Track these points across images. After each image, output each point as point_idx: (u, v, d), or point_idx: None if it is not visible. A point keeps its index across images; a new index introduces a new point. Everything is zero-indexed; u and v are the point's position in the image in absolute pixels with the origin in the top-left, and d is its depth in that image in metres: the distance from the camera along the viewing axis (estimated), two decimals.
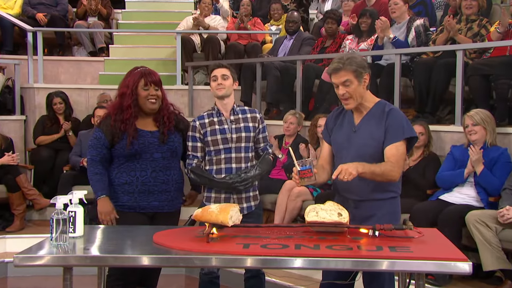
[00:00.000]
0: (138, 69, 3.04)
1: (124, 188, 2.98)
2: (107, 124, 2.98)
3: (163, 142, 2.99)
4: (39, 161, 5.86)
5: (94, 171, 2.99)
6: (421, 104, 4.85)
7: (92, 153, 3.00)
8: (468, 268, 2.03)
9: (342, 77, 2.61)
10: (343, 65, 2.61)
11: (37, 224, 5.51)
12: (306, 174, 2.54)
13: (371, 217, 2.60)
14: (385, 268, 2.09)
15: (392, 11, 5.34)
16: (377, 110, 2.68)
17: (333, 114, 2.85)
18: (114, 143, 2.97)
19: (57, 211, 2.27)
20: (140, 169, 2.97)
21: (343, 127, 2.74)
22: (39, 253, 2.21)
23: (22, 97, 6.50)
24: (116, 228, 2.79)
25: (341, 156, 2.71)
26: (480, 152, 3.84)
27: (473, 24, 4.90)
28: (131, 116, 2.95)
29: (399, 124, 2.63)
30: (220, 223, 2.32)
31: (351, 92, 2.62)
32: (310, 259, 2.11)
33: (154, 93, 2.99)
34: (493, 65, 4.42)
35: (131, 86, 2.97)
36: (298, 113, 5.25)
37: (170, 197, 3.04)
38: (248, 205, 3.14)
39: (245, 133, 3.14)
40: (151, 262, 2.18)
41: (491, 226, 3.58)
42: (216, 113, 3.18)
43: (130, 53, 7.55)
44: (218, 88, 3.13)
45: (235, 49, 6.80)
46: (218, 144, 3.10)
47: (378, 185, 2.62)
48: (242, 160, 3.12)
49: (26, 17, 7.29)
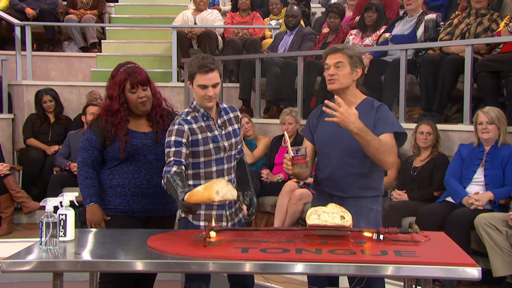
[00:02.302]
0: (122, 67, 2.98)
1: (116, 190, 2.96)
2: (98, 125, 2.96)
3: (157, 142, 2.98)
4: (28, 161, 5.86)
5: (84, 175, 2.95)
6: (428, 102, 4.85)
7: (83, 155, 2.97)
8: (477, 273, 2.03)
9: (336, 58, 2.71)
10: (342, 48, 2.73)
11: (25, 228, 5.51)
12: (300, 160, 2.60)
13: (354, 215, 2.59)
14: (390, 274, 2.09)
15: (408, 3, 5.34)
16: (364, 105, 2.75)
17: (317, 112, 2.89)
18: (106, 145, 2.95)
19: (47, 214, 2.27)
20: (133, 171, 2.95)
21: (327, 123, 2.73)
22: (28, 258, 2.21)
23: (10, 94, 6.50)
24: (109, 232, 2.79)
25: (326, 153, 2.76)
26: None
27: (483, 18, 4.90)
28: (122, 120, 2.93)
29: (389, 118, 2.72)
30: (208, 200, 2.29)
31: (340, 75, 2.70)
32: (311, 264, 2.11)
33: (143, 94, 2.94)
34: (503, 61, 4.42)
35: (117, 89, 2.92)
36: (294, 111, 5.23)
37: (165, 200, 3.01)
38: (238, 219, 2.92)
39: (234, 139, 2.85)
40: (145, 267, 2.18)
41: (501, 229, 3.59)
42: (201, 115, 2.78)
43: (124, 48, 7.54)
44: (210, 100, 2.72)
45: (233, 44, 6.80)
46: (211, 155, 2.75)
47: (363, 182, 2.69)
48: (232, 171, 2.85)
49: (14, 11, 7.29)
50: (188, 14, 7.25)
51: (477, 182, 3.96)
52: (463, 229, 3.70)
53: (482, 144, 4.02)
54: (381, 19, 5.68)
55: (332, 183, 2.72)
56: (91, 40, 7.53)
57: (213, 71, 2.69)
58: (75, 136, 5.53)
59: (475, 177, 3.97)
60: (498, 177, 3.88)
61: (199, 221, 2.79)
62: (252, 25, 7.10)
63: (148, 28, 7.89)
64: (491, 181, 3.88)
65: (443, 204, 4.00)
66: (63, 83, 6.81)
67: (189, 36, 6.95)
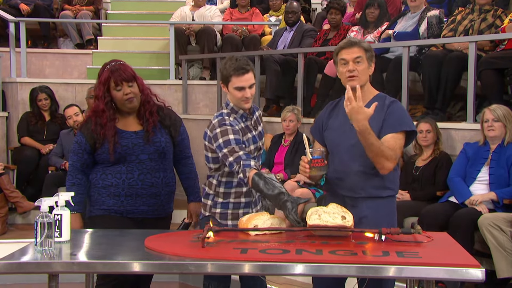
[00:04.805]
0: (107, 66, 2.97)
1: (110, 190, 2.92)
2: (88, 127, 2.93)
3: (148, 140, 2.93)
4: (23, 161, 5.85)
5: (72, 180, 2.94)
6: (431, 100, 4.85)
7: (73, 159, 2.95)
8: (481, 275, 2.02)
9: (355, 53, 2.60)
10: (359, 41, 2.63)
11: (20, 228, 5.50)
12: (319, 163, 2.55)
13: (367, 218, 2.59)
14: (392, 275, 2.08)
15: (411, 0, 5.33)
16: (376, 101, 2.63)
17: (327, 110, 2.82)
18: (96, 148, 2.92)
19: (42, 214, 2.26)
20: (127, 172, 2.92)
21: (338, 119, 2.72)
22: (23, 259, 2.20)
23: (4, 92, 6.50)
24: (105, 233, 2.78)
25: (336, 152, 2.70)
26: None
27: (487, 14, 4.90)
28: (108, 120, 2.89)
29: (399, 115, 2.62)
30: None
31: (360, 70, 2.61)
32: (312, 265, 2.10)
33: (129, 90, 2.91)
34: (508, 58, 4.42)
35: (102, 88, 2.91)
36: (296, 109, 5.24)
37: (160, 201, 2.98)
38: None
39: (263, 139, 2.96)
40: (142, 269, 2.18)
41: (506, 230, 3.58)
42: (240, 117, 2.85)
43: (120, 45, 7.52)
44: (247, 101, 2.79)
45: (232, 41, 6.80)
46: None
47: (375, 181, 2.61)
48: None
49: (8, 7, 7.29)
50: (186, 10, 7.26)
51: (481, 181, 3.96)
52: (467, 230, 3.70)
53: (487, 143, 4.01)
54: (383, 15, 5.69)
55: (343, 183, 2.66)
56: (87, 36, 7.52)
57: (249, 72, 2.76)
58: (67, 136, 5.54)
59: (479, 176, 3.97)
60: (503, 176, 3.87)
61: (226, 220, 2.86)
62: (252, 22, 7.10)
63: (145, 25, 7.89)
64: (496, 181, 3.88)
65: (446, 204, 4.00)
66: (58, 80, 6.81)
67: (187, 33, 6.95)
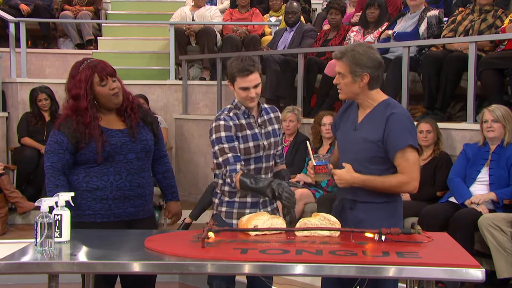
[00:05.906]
0: (82, 64, 2.87)
1: (96, 194, 2.77)
2: (69, 126, 2.77)
3: (134, 137, 2.84)
4: (23, 161, 5.85)
5: (55, 182, 2.74)
6: (431, 100, 4.85)
7: (53, 159, 2.75)
8: (481, 275, 2.03)
9: (337, 67, 2.63)
10: (342, 56, 2.61)
11: (20, 229, 5.51)
12: (322, 169, 2.63)
13: (365, 221, 2.60)
14: (392, 275, 2.09)
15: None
16: (378, 110, 2.63)
17: (343, 108, 2.85)
18: (80, 148, 2.77)
19: (42, 214, 2.27)
20: (114, 173, 2.80)
21: (347, 123, 2.74)
22: (22, 260, 2.21)
23: (4, 92, 6.50)
24: (105, 233, 2.77)
25: (341, 156, 2.75)
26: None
27: (487, 15, 4.90)
28: (92, 119, 2.77)
29: (398, 131, 2.56)
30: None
31: (342, 85, 2.63)
32: (312, 265, 2.10)
33: (114, 85, 2.81)
34: (508, 59, 4.43)
35: (84, 85, 2.78)
36: (296, 109, 5.24)
37: (145, 201, 2.91)
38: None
39: (273, 138, 2.94)
40: (142, 269, 2.18)
41: (506, 230, 3.59)
42: (242, 113, 2.88)
43: (120, 45, 7.51)
44: (252, 100, 2.83)
45: (232, 41, 6.80)
46: (250, 153, 2.84)
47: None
48: (269, 170, 2.94)
49: (8, 7, 7.29)
50: (186, 10, 7.26)
51: (481, 181, 3.96)
52: (467, 230, 3.71)
53: (487, 143, 4.02)
54: (383, 15, 5.69)
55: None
56: (87, 37, 7.53)
57: (253, 73, 2.79)
58: None
59: (479, 177, 3.97)
60: (503, 177, 3.88)
61: (231, 219, 2.89)
62: (252, 22, 7.10)
63: (145, 25, 7.89)
64: (496, 181, 3.88)
65: (446, 205, 4.00)
66: (58, 80, 6.75)
67: (187, 33, 6.96)
